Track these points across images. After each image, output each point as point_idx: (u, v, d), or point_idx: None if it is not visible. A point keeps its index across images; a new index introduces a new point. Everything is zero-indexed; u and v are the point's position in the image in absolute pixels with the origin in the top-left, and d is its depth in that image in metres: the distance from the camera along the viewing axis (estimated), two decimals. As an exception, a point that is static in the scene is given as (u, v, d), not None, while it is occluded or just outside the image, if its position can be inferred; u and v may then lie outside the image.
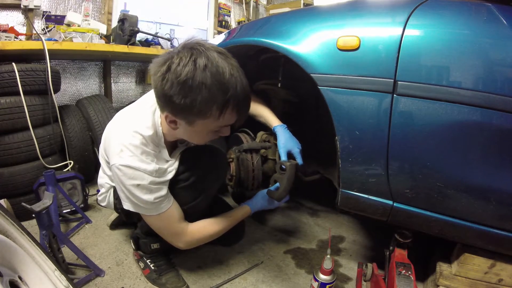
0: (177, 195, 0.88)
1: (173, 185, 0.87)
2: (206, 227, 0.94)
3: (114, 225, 1.27)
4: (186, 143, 0.96)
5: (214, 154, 0.98)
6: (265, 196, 1.08)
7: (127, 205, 0.83)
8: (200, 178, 0.91)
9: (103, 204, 1.04)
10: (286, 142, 1.11)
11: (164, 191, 0.83)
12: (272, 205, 1.10)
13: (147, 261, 1.01)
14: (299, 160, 1.09)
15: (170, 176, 0.85)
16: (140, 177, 0.77)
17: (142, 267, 1.02)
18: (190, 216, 0.92)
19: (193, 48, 0.69)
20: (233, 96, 0.71)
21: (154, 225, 0.88)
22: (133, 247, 1.05)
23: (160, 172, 0.82)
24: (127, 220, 1.14)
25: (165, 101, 0.72)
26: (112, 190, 0.99)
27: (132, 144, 0.77)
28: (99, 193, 1.04)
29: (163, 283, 0.96)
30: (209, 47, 0.70)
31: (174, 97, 0.69)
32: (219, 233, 0.96)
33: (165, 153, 0.86)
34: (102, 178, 1.00)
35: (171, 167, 0.87)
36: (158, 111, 0.83)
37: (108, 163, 0.90)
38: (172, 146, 0.92)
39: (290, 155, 1.11)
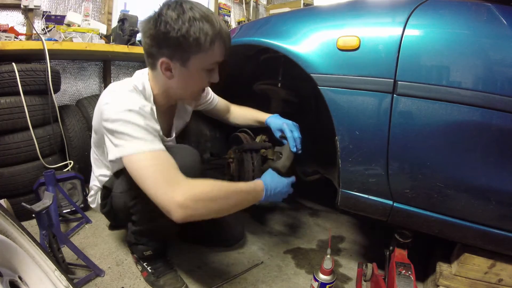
0: None
1: None
2: (210, 186, 0.72)
3: (114, 226, 1.27)
4: (182, 119, 1.00)
5: (186, 154, 0.89)
6: (273, 174, 0.94)
7: (115, 151, 0.72)
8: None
9: (93, 206, 1.06)
10: (276, 121, 1.11)
11: (157, 126, 0.78)
12: (283, 187, 0.92)
13: (144, 264, 1.00)
14: (287, 132, 1.03)
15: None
16: (130, 104, 0.75)
17: (140, 269, 1.02)
18: None
19: (173, 1, 0.77)
20: (221, 30, 0.78)
21: (144, 170, 0.69)
22: (130, 250, 1.05)
23: (150, 120, 0.77)
24: (113, 223, 1.14)
25: (161, 41, 0.76)
26: (99, 192, 1.01)
27: (120, 89, 0.81)
28: (89, 195, 1.06)
29: (161, 285, 0.95)
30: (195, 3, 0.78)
31: (171, 32, 0.74)
32: (230, 198, 0.75)
33: (157, 123, 0.81)
34: (92, 181, 1.03)
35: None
36: (144, 77, 0.88)
37: (96, 143, 0.95)
38: (167, 123, 0.95)
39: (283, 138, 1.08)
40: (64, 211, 1.35)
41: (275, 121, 1.12)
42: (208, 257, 1.13)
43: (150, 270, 0.98)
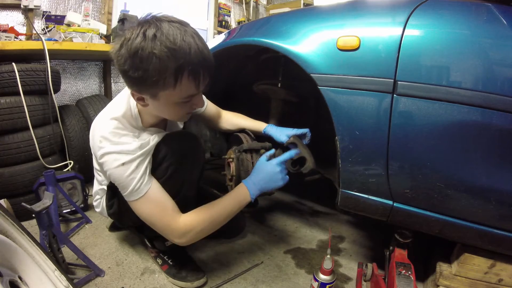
0: None
1: None
2: (201, 217, 0.85)
3: (114, 227, 1.27)
4: (175, 127, 0.97)
5: (184, 139, 0.95)
6: (258, 168, 0.94)
7: (123, 191, 0.82)
8: (177, 168, 0.88)
9: (97, 210, 1.05)
10: (278, 130, 1.08)
11: (148, 147, 0.83)
12: (272, 174, 0.92)
13: (165, 257, 1.03)
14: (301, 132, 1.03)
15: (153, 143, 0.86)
16: (121, 157, 0.78)
17: (160, 263, 1.04)
18: (183, 210, 0.88)
19: (145, 22, 0.69)
20: (187, 61, 0.69)
21: (145, 212, 0.82)
22: (149, 245, 1.06)
23: (144, 144, 0.82)
24: (120, 226, 1.14)
25: (124, 78, 0.73)
26: (104, 197, 1.00)
27: (109, 131, 0.79)
28: (94, 199, 1.04)
29: (184, 276, 0.98)
30: (162, 18, 0.70)
31: (130, 72, 0.69)
32: (219, 218, 0.87)
33: (146, 135, 0.86)
34: (96, 186, 1.02)
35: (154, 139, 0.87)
36: (131, 98, 0.85)
37: (97, 165, 0.92)
38: (161, 128, 0.95)
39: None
40: (64, 211, 1.35)
41: (277, 129, 1.09)
42: (208, 257, 1.13)
43: (171, 263, 1.01)
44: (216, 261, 1.11)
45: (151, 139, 0.86)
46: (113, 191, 0.93)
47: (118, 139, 0.79)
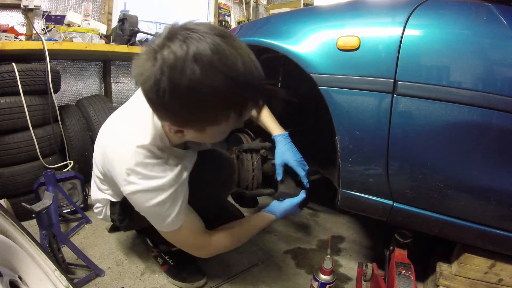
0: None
1: None
2: (229, 239, 0.87)
3: (114, 229, 1.27)
4: (204, 146, 0.91)
5: (221, 168, 0.94)
6: (284, 204, 0.98)
7: (154, 224, 0.77)
8: (210, 194, 0.88)
9: (100, 217, 0.98)
10: (282, 153, 1.00)
11: (178, 169, 0.73)
12: (292, 209, 0.98)
13: (166, 257, 1.03)
14: (299, 171, 0.98)
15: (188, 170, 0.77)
16: (157, 195, 0.69)
17: (160, 263, 1.03)
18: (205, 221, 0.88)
19: (187, 39, 0.51)
20: (251, 93, 0.57)
21: (178, 240, 0.82)
22: (151, 244, 1.05)
23: (178, 174, 0.73)
24: (125, 230, 1.14)
25: (166, 114, 0.59)
26: (108, 205, 0.93)
27: (137, 162, 0.67)
28: (95, 206, 0.98)
29: (184, 278, 0.98)
30: (205, 30, 0.52)
31: (178, 111, 0.56)
32: (239, 243, 0.90)
33: (175, 155, 0.76)
34: (96, 193, 0.92)
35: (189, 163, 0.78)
36: (155, 118, 0.72)
37: (104, 179, 0.85)
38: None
39: (288, 169, 1.02)
40: (64, 211, 1.35)
41: (283, 147, 1.01)
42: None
43: (172, 263, 1.01)
44: (216, 261, 1.11)
45: (184, 167, 0.76)
46: (125, 208, 0.87)
47: (149, 171, 0.68)
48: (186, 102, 0.54)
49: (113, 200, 0.90)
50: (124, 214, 0.90)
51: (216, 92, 0.53)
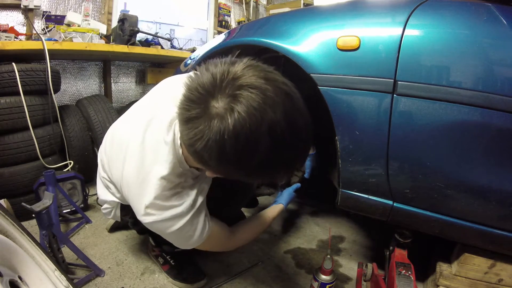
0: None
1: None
2: (249, 232, 0.96)
3: (114, 229, 1.27)
4: None
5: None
6: (287, 192, 1.16)
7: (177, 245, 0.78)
8: (230, 203, 0.95)
9: (109, 217, 0.95)
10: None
11: (205, 210, 0.76)
12: (292, 196, 1.17)
13: (167, 257, 1.03)
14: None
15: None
16: (175, 223, 0.69)
17: (161, 262, 1.04)
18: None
19: (237, 96, 0.45)
20: (304, 151, 0.56)
21: (205, 248, 0.84)
22: (153, 244, 1.05)
23: (196, 199, 0.73)
24: (140, 234, 1.15)
25: (203, 164, 0.56)
26: (119, 207, 0.91)
27: (156, 196, 0.66)
28: (103, 207, 0.95)
29: (185, 278, 0.98)
30: (263, 88, 0.46)
31: (229, 172, 0.55)
32: (259, 234, 1.02)
33: (192, 176, 0.74)
34: (105, 195, 0.90)
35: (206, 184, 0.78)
36: (176, 135, 0.67)
37: (115, 187, 0.83)
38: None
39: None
40: (64, 211, 1.35)
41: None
42: (209, 257, 1.13)
43: (173, 263, 1.01)
44: (216, 261, 1.11)
45: (200, 190, 0.74)
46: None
47: (167, 202, 0.68)
48: (231, 166, 0.51)
49: (124, 204, 0.88)
50: (138, 221, 0.87)
51: (271, 164, 0.50)
